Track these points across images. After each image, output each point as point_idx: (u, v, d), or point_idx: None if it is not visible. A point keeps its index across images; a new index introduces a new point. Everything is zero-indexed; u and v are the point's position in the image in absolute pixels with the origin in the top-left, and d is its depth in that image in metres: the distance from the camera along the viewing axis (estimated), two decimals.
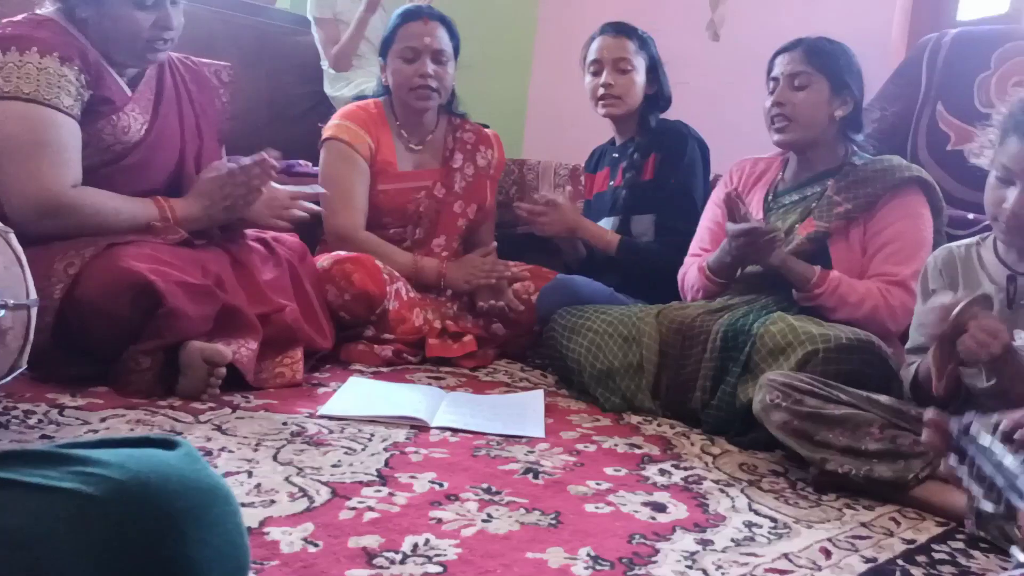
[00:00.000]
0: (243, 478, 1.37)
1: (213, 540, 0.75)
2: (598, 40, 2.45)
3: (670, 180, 2.38)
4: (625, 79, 2.40)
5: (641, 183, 2.42)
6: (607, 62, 2.40)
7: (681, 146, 2.41)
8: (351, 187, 2.33)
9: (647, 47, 2.45)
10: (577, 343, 2.06)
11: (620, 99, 2.40)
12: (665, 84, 2.48)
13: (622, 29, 2.44)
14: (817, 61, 1.97)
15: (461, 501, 1.37)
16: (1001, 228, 1.50)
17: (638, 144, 2.44)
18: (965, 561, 1.34)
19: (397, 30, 2.35)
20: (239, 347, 1.79)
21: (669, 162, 2.40)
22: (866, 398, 1.62)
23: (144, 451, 0.76)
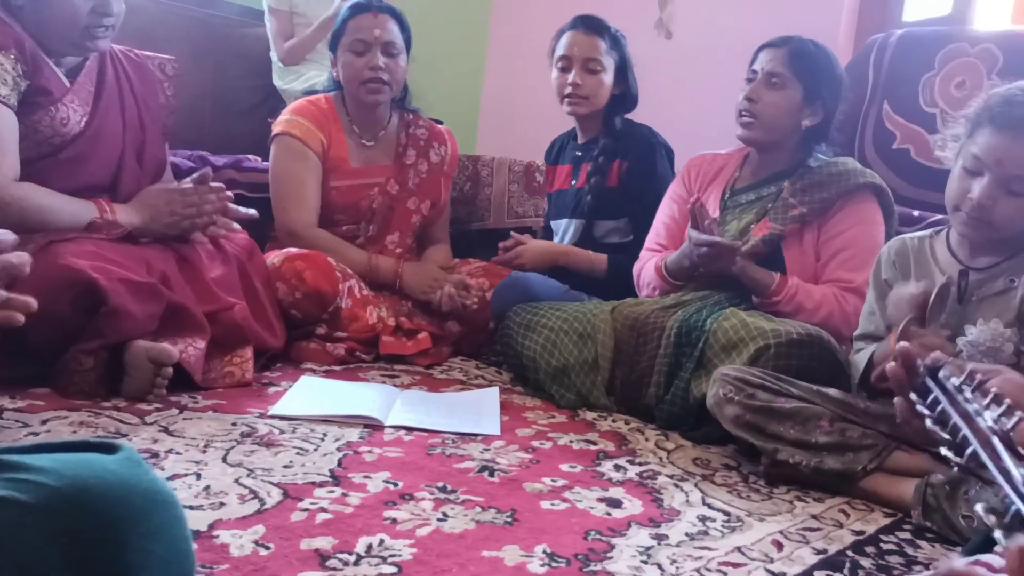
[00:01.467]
0: (191, 480, 1.35)
1: (156, 548, 0.72)
2: (569, 35, 2.40)
3: (639, 190, 2.34)
4: (594, 79, 2.37)
5: (606, 188, 2.39)
6: (576, 60, 2.36)
7: (650, 155, 2.38)
8: (303, 183, 2.29)
9: (618, 46, 2.41)
10: (532, 340, 2.05)
11: (587, 99, 2.37)
12: (633, 84, 2.44)
13: (594, 26, 2.39)
14: (796, 65, 1.97)
15: (416, 500, 1.36)
16: (962, 219, 1.52)
17: (603, 147, 2.41)
18: (912, 551, 1.37)
19: (347, 23, 2.32)
20: (186, 346, 1.75)
21: (637, 171, 2.37)
22: (816, 392, 1.64)
23: (83, 456, 0.74)
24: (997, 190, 1.46)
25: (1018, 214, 1.47)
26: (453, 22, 3.21)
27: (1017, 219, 1.47)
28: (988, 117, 1.49)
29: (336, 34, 2.35)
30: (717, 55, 3.13)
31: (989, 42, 2.56)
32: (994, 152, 1.46)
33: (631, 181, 2.37)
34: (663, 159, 2.42)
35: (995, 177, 1.46)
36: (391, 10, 2.36)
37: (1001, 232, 1.50)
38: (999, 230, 1.49)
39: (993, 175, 1.47)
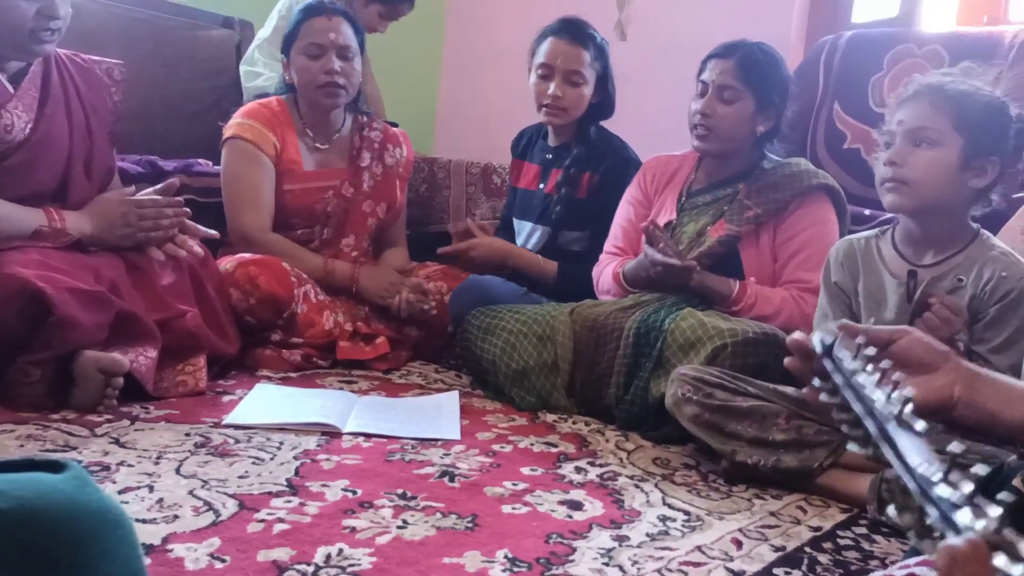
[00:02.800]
0: (144, 493, 1.32)
1: (108, 568, 0.70)
2: (553, 43, 2.33)
3: (606, 204, 2.30)
4: (574, 92, 2.31)
5: (575, 200, 2.36)
6: (558, 70, 2.30)
7: (622, 171, 2.33)
8: (256, 187, 2.25)
9: (602, 56, 2.36)
10: (492, 343, 2.04)
11: (566, 111, 2.32)
12: (612, 94, 2.39)
13: (580, 36, 2.32)
14: (747, 77, 1.97)
15: (375, 508, 1.34)
16: (883, 192, 1.56)
17: (576, 157, 2.36)
18: (868, 546, 1.39)
19: (300, 26, 2.29)
20: (137, 355, 1.72)
21: (606, 186, 2.33)
22: (773, 390, 1.66)
23: (29, 476, 0.71)
24: (904, 148, 1.52)
25: (926, 166, 1.51)
26: (408, 23, 3.18)
27: (924, 170, 1.51)
28: (898, 103, 1.57)
29: (289, 37, 2.31)
30: (671, 56, 3.15)
31: (935, 43, 2.62)
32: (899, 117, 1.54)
33: (600, 195, 2.34)
34: (634, 175, 2.38)
35: (903, 137, 1.53)
36: (344, 13, 2.34)
37: (918, 192, 1.52)
38: (916, 190, 1.52)
39: (899, 139, 1.53)
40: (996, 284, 1.52)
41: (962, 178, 1.51)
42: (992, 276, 1.52)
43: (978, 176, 1.51)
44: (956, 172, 1.51)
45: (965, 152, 1.50)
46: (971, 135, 1.49)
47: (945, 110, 1.50)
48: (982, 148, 1.50)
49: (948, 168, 1.50)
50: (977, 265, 1.54)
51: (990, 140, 1.50)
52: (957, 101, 1.50)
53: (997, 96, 1.52)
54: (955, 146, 1.50)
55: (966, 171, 1.51)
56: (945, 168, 1.50)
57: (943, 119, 1.50)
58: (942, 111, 1.50)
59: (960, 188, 1.52)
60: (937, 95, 1.51)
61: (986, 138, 1.50)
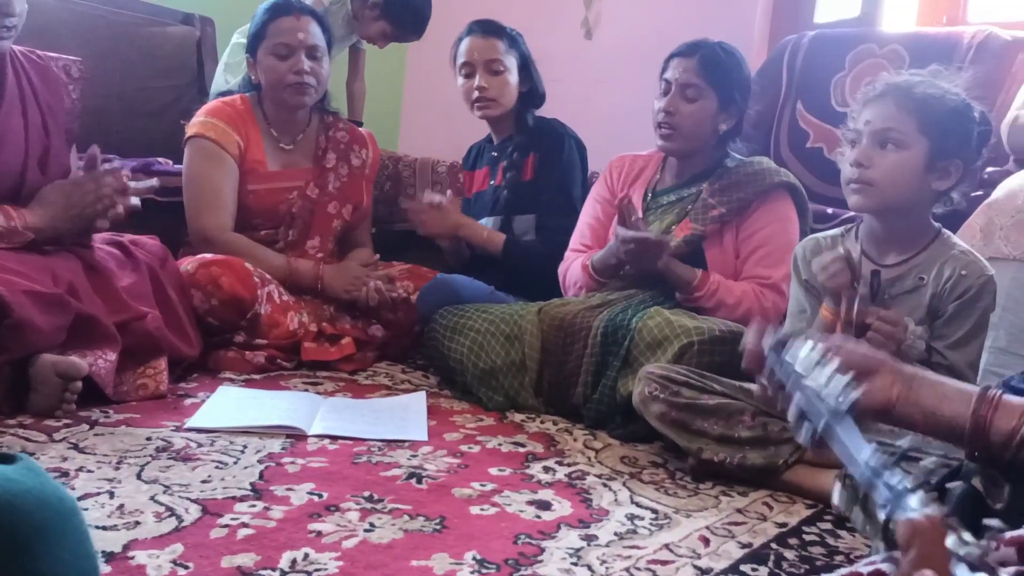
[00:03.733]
0: (104, 499, 1.29)
1: (66, 555, 0.71)
2: (467, 41, 2.43)
3: (547, 178, 2.39)
4: (498, 80, 2.39)
5: (522, 183, 2.42)
6: (478, 64, 2.39)
7: (559, 145, 2.42)
8: (218, 187, 2.22)
9: (517, 45, 2.44)
10: (459, 343, 2.04)
11: (495, 101, 2.40)
12: (538, 81, 2.48)
13: (490, 29, 2.42)
14: (710, 75, 1.99)
15: (342, 511, 1.33)
16: (849, 192, 1.58)
17: (517, 143, 2.44)
18: (833, 542, 1.40)
19: (267, 26, 2.25)
20: (96, 359, 1.68)
21: (548, 162, 2.41)
22: (738, 388, 1.67)
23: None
24: (871, 149, 1.54)
25: (892, 168, 1.52)
26: None
27: (890, 172, 1.52)
28: (864, 102, 1.58)
29: (255, 36, 2.28)
30: (636, 55, 3.16)
31: (896, 43, 2.66)
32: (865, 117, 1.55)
33: (543, 171, 2.41)
34: (571, 147, 2.46)
35: (869, 138, 1.54)
36: (312, 12, 2.31)
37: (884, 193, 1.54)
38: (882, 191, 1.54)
39: (866, 139, 1.54)
40: (956, 282, 1.54)
41: (926, 180, 1.53)
42: (952, 274, 1.54)
43: (941, 178, 1.54)
44: (921, 174, 1.52)
45: (930, 154, 1.51)
46: (936, 138, 1.51)
47: (912, 112, 1.51)
48: (946, 151, 1.52)
49: (913, 170, 1.52)
50: (938, 264, 1.56)
51: (954, 143, 1.52)
52: (924, 104, 1.52)
53: (963, 99, 1.54)
54: (921, 148, 1.51)
55: (930, 173, 1.53)
56: (910, 170, 1.52)
57: (910, 121, 1.51)
58: (909, 113, 1.51)
59: (924, 189, 1.54)
60: (904, 97, 1.53)
61: (951, 141, 1.52)
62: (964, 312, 1.54)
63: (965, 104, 1.54)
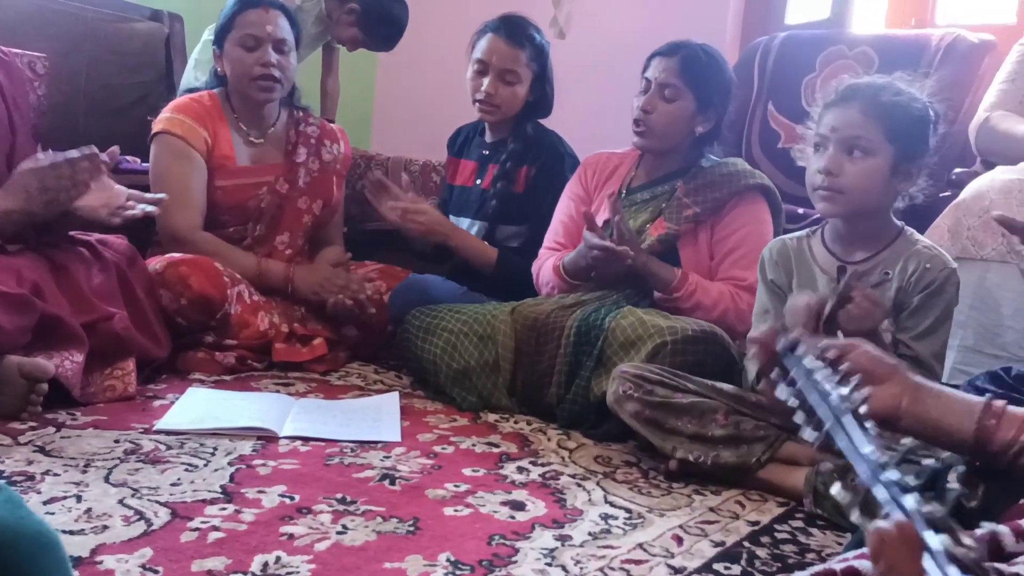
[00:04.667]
0: (71, 503, 1.27)
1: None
2: (490, 38, 2.33)
3: (543, 198, 2.31)
4: (508, 91, 2.31)
5: (512, 194, 2.35)
6: (493, 68, 2.30)
7: (558, 165, 2.34)
8: (186, 184, 2.19)
9: (541, 57, 2.35)
10: (432, 343, 2.03)
11: (499, 108, 2.32)
12: (550, 93, 2.40)
13: (516, 36, 2.32)
14: (689, 76, 1.99)
15: (314, 514, 1.32)
16: (817, 198, 1.59)
17: (512, 152, 2.36)
18: (805, 539, 1.41)
19: (235, 17, 2.22)
20: (62, 360, 1.65)
21: (543, 179, 2.34)
22: (711, 386, 1.68)
23: None
24: (839, 156, 1.55)
25: (860, 175, 1.54)
26: None
27: (859, 179, 1.54)
28: (826, 104, 1.60)
29: (222, 28, 2.25)
30: (609, 55, 3.18)
31: (866, 44, 2.69)
32: (829, 124, 1.56)
33: (536, 188, 2.35)
34: (570, 169, 2.38)
35: (836, 145, 1.55)
36: (281, 6, 2.28)
37: (853, 200, 1.55)
38: (850, 198, 1.55)
39: (833, 147, 1.55)
40: (920, 275, 1.57)
41: (891, 183, 1.56)
42: (917, 268, 1.57)
43: (905, 181, 1.57)
44: (887, 179, 1.55)
45: (895, 160, 1.54)
46: (901, 144, 1.54)
47: (879, 119, 1.53)
48: (911, 155, 1.55)
49: (880, 176, 1.55)
50: (902, 259, 1.60)
51: (918, 148, 1.55)
52: (889, 111, 1.54)
53: (926, 104, 1.57)
54: (887, 154, 1.54)
55: (895, 177, 1.56)
56: (878, 176, 1.55)
57: (877, 128, 1.53)
58: (875, 120, 1.53)
59: (889, 192, 1.58)
60: (870, 104, 1.54)
61: (915, 147, 1.55)
62: (928, 304, 1.57)
63: (927, 109, 1.57)
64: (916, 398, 0.99)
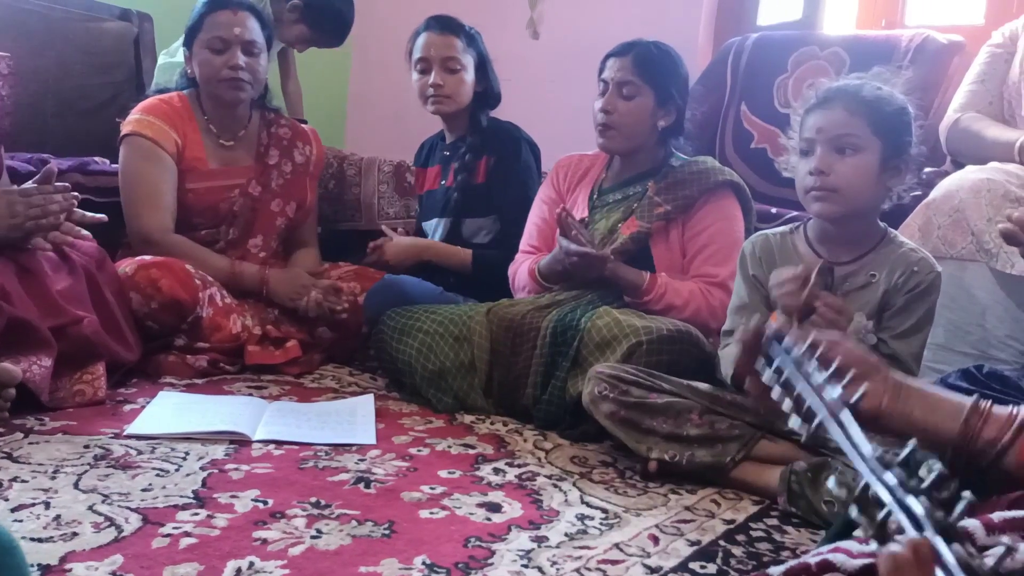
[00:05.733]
0: (40, 510, 1.25)
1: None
2: (424, 36, 2.39)
3: (505, 185, 2.36)
4: (454, 78, 2.36)
5: (473, 185, 2.39)
6: (435, 60, 2.35)
7: (514, 151, 2.39)
8: (156, 186, 2.16)
9: (475, 44, 2.42)
10: (408, 344, 2.02)
11: (450, 98, 2.36)
12: (494, 81, 2.46)
13: (448, 26, 2.39)
14: (645, 72, 2.01)
15: (288, 518, 1.31)
16: (811, 201, 1.59)
17: (470, 145, 2.41)
18: (780, 537, 1.42)
19: (204, 19, 2.20)
20: (30, 364, 1.62)
21: (502, 167, 2.38)
22: (686, 386, 1.68)
23: None
24: (829, 156, 1.55)
25: (852, 173, 1.54)
26: None
27: (852, 177, 1.54)
28: (807, 108, 1.60)
29: (191, 29, 2.23)
30: (583, 56, 3.16)
31: (837, 45, 2.71)
32: (815, 126, 1.56)
33: (497, 176, 2.39)
34: (527, 153, 2.44)
35: (824, 146, 1.55)
36: (250, 7, 2.26)
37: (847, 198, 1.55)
38: (845, 197, 1.55)
39: (821, 147, 1.55)
40: (908, 277, 1.58)
41: (882, 180, 1.56)
42: (905, 271, 1.58)
43: (894, 176, 1.57)
44: (877, 175, 1.55)
45: (884, 154, 1.55)
46: (888, 137, 1.54)
47: (863, 115, 1.54)
48: (898, 149, 1.55)
49: (871, 172, 1.55)
50: (889, 262, 1.60)
51: (904, 141, 1.56)
52: (873, 106, 1.54)
53: (903, 99, 1.58)
54: (875, 149, 1.54)
55: (885, 173, 1.56)
56: (868, 172, 1.55)
57: (862, 124, 1.54)
58: (860, 116, 1.54)
59: (880, 190, 1.58)
60: (852, 101, 1.55)
61: (901, 139, 1.55)
62: (913, 305, 1.57)
63: (906, 103, 1.58)
64: (898, 396, 0.98)
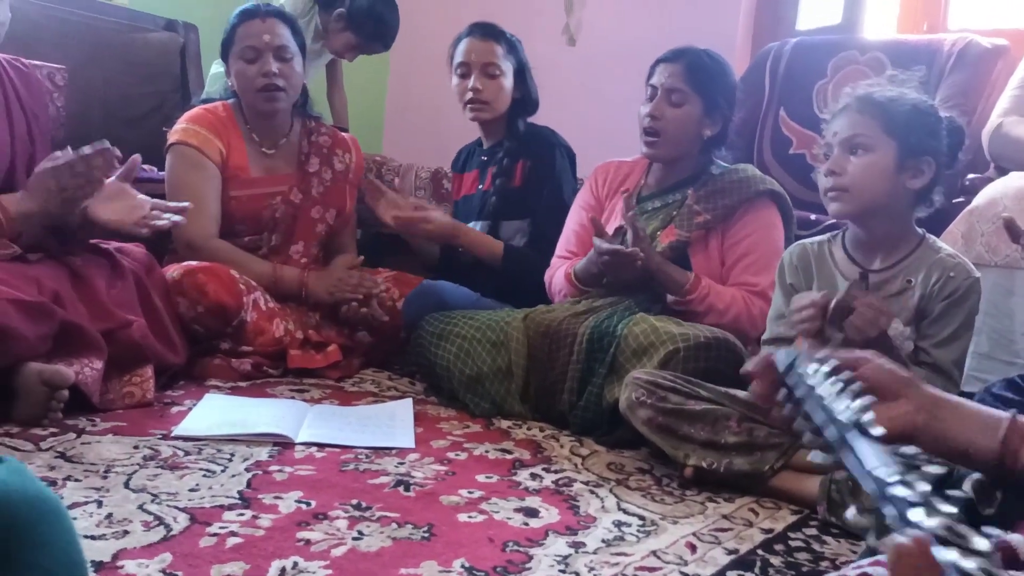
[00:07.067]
0: (92, 508, 1.29)
1: (44, 560, 0.71)
2: (465, 42, 2.42)
3: (540, 188, 2.39)
4: (493, 84, 2.39)
5: (510, 189, 2.42)
6: (475, 66, 2.38)
7: (550, 155, 2.42)
8: (201, 193, 2.21)
9: (515, 51, 2.45)
10: (445, 349, 2.04)
11: (488, 104, 2.39)
12: (533, 88, 2.48)
13: (490, 32, 2.42)
14: (694, 80, 2.01)
15: (330, 519, 1.33)
16: (828, 201, 1.61)
17: (507, 149, 2.44)
18: (819, 547, 1.41)
19: (236, 30, 2.25)
20: (82, 367, 1.67)
21: (538, 170, 2.41)
22: (724, 393, 1.68)
23: None
24: (841, 157, 1.57)
25: (862, 172, 1.55)
26: None
27: (861, 176, 1.55)
28: (832, 115, 1.62)
29: (226, 42, 2.28)
30: (619, 62, 3.18)
31: (877, 50, 2.69)
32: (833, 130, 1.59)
33: (533, 180, 2.41)
34: (563, 158, 2.46)
35: (839, 148, 1.57)
36: (279, 13, 2.31)
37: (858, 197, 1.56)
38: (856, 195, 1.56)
39: (836, 149, 1.58)
40: (944, 283, 1.57)
41: (899, 180, 1.56)
42: (941, 276, 1.57)
43: (915, 176, 1.57)
44: (893, 174, 1.56)
45: (899, 154, 1.55)
46: (902, 136, 1.55)
47: (874, 115, 1.56)
48: (915, 148, 1.55)
49: (884, 171, 1.55)
50: (926, 267, 1.59)
51: (921, 140, 1.55)
52: (883, 106, 1.56)
53: (923, 98, 1.58)
54: (889, 149, 1.55)
55: (902, 172, 1.56)
56: (881, 171, 1.55)
57: (873, 124, 1.55)
58: (871, 117, 1.56)
59: (898, 189, 1.57)
60: (864, 103, 1.57)
61: (917, 138, 1.55)
62: (951, 312, 1.56)
63: (927, 102, 1.58)
64: (934, 415, 0.94)
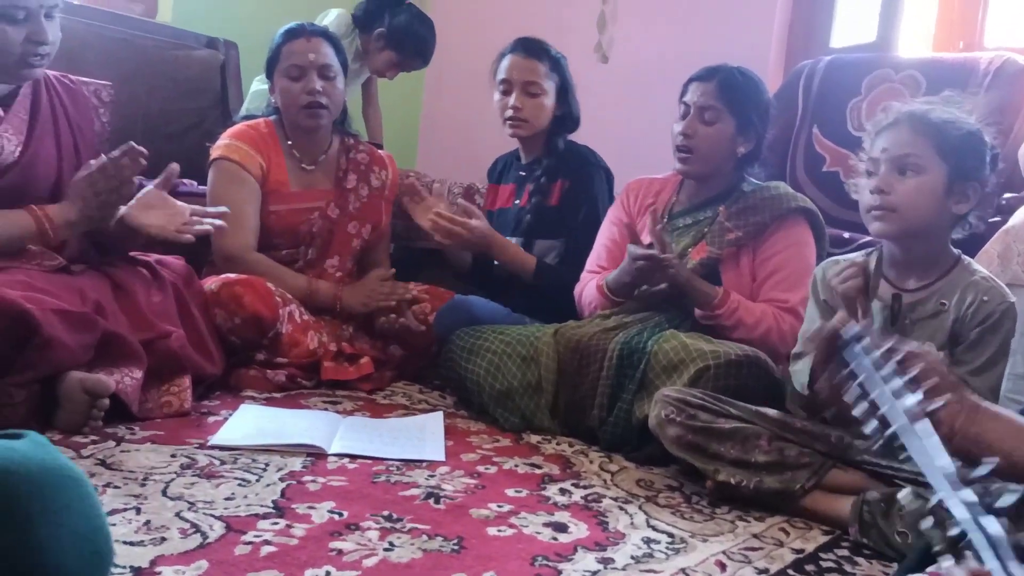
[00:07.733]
0: (131, 515, 1.32)
1: (65, 523, 0.74)
2: (509, 59, 2.43)
3: (576, 209, 2.39)
4: (534, 103, 2.40)
5: (546, 208, 2.42)
6: (516, 83, 2.39)
7: (588, 176, 2.42)
8: (241, 207, 2.26)
9: (559, 68, 2.45)
10: (476, 364, 2.05)
11: (527, 122, 2.40)
12: (575, 106, 2.48)
13: (533, 50, 2.43)
14: (728, 98, 2.01)
15: (362, 530, 1.35)
16: (871, 220, 1.59)
17: (546, 167, 2.44)
18: (851, 568, 1.40)
19: (281, 48, 2.31)
20: (122, 376, 1.71)
21: (575, 191, 2.41)
22: (755, 412, 1.68)
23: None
24: (891, 175, 1.55)
25: (913, 193, 1.54)
26: None
27: (911, 197, 1.54)
28: (877, 130, 1.60)
29: (271, 60, 2.33)
30: (651, 79, 3.20)
31: (912, 68, 2.67)
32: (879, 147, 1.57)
33: (570, 200, 2.41)
34: (601, 180, 2.46)
35: (887, 165, 1.56)
36: (324, 33, 2.36)
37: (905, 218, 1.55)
38: (903, 216, 1.55)
39: (884, 167, 1.56)
40: (977, 308, 1.55)
41: (946, 204, 1.55)
42: (974, 300, 1.55)
43: (961, 202, 1.55)
44: (941, 198, 1.54)
45: (949, 178, 1.53)
46: (954, 161, 1.53)
47: (929, 136, 1.53)
48: (965, 174, 1.54)
49: (933, 194, 1.54)
50: (959, 289, 1.58)
51: (971, 166, 1.54)
52: (939, 128, 1.54)
53: (975, 124, 1.56)
54: (940, 172, 1.53)
55: (950, 197, 1.54)
56: (930, 194, 1.54)
57: (927, 145, 1.53)
58: (925, 137, 1.53)
59: (944, 213, 1.56)
60: (919, 122, 1.55)
61: (968, 164, 1.54)
62: (986, 338, 1.54)
63: (978, 129, 1.56)
64: (972, 419, 0.95)
